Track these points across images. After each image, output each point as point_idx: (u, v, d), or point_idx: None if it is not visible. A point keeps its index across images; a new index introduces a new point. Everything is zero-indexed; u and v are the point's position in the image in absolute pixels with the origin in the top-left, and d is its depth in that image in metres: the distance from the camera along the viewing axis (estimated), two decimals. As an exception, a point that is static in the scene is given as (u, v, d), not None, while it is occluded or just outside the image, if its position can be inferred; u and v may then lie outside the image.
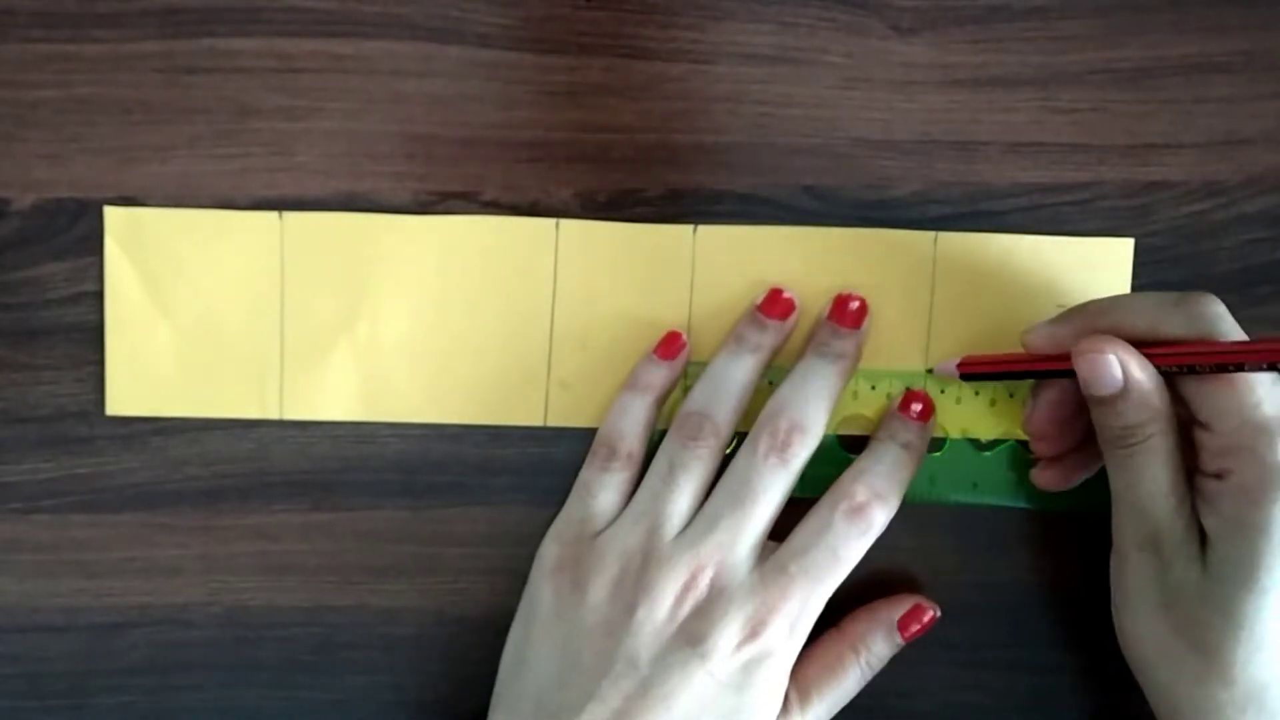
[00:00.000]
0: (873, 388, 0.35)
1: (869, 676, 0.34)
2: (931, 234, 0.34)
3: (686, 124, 0.34)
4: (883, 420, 0.34)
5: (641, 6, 0.34)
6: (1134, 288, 0.34)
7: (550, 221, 0.34)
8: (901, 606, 0.34)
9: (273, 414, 0.34)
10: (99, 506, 0.35)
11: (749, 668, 0.31)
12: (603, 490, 0.33)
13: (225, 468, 0.35)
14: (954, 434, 0.35)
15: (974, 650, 0.35)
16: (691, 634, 0.31)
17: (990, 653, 0.35)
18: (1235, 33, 0.34)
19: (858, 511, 0.32)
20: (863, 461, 0.33)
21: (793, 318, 0.34)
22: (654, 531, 0.32)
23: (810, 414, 0.32)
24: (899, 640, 0.34)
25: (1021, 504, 0.35)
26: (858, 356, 0.33)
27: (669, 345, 0.34)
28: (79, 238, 0.34)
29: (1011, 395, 0.34)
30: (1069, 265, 0.34)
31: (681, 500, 0.32)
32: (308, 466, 0.35)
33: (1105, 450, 0.30)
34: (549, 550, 0.33)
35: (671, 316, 0.34)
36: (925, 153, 0.34)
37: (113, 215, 0.34)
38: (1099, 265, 0.34)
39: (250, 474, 0.35)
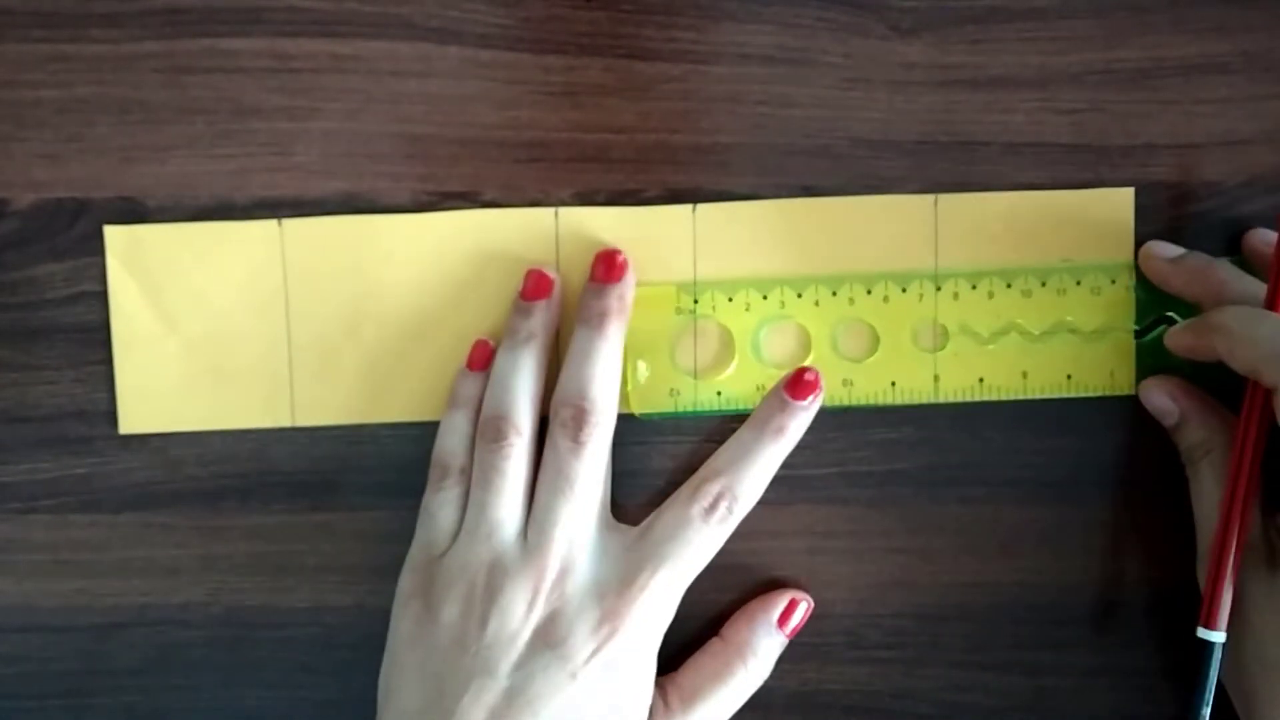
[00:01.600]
0: (868, 292, 0.34)
1: (761, 676, 0.34)
2: (931, 197, 0.34)
3: (686, 124, 0.34)
4: (762, 400, 0.34)
5: (641, 7, 0.34)
6: (1137, 237, 0.34)
7: (549, 211, 0.34)
8: (778, 604, 0.34)
9: (284, 421, 0.35)
10: (98, 506, 0.35)
11: (610, 664, 0.31)
12: (440, 510, 0.33)
13: (225, 468, 0.35)
14: (954, 330, 0.34)
15: (972, 651, 0.35)
16: (549, 637, 0.31)
17: (988, 654, 0.35)
18: (1234, 33, 0.34)
19: (713, 507, 0.32)
20: (726, 450, 0.33)
21: (555, 293, 0.33)
22: (490, 541, 0.32)
23: (592, 394, 0.32)
24: (783, 638, 0.34)
25: (1028, 396, 0.35)
26: (625, 310, 0.33)
27: (477, 355, 0.34)
28: (78, 238, 0.34)
29: (1009, 285, 0.34)
30: (1070, 217, 0.34)
31: (505, 504, 0.32)
32: (307, 467, 0.35)
33: (1186, 469, 0.33)
34: (404, 581, 0.33)
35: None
36: (924, 153, 0.34)
37: (113, 234, 0.34)
38: (1100, 215, 0.34)
39: (250, 474, 0.35)
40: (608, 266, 0.33)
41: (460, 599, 0.31)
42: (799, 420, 0.33)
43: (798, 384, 0.33)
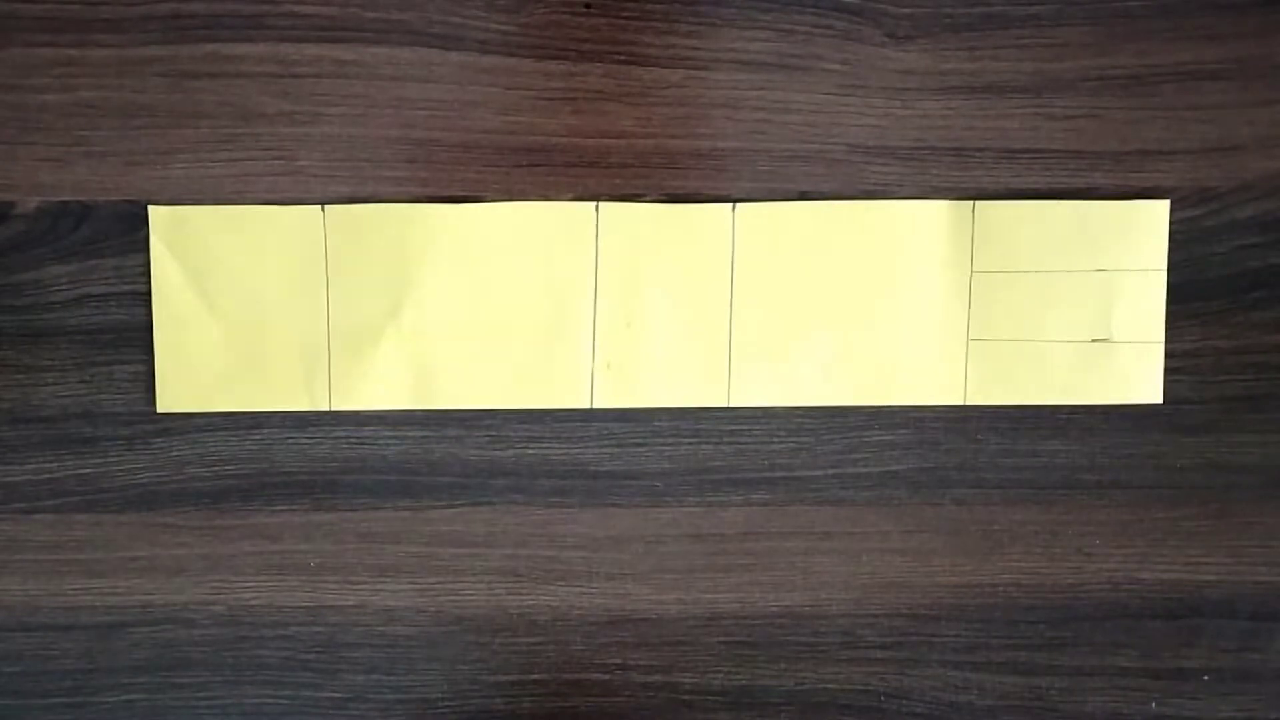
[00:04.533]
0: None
1: None
2: (970, 203, 0.35)
3: (684, 129, 0.34)
4: None
5: (640, 14, 0.34)
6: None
7: (590, 205, 0.35)
8: None
9: (322, 405, 0.35)
10: (102, 506, 0.35)
11: None
12: None
13: (227, 468, 0.35)
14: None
15: (968, 651, 0.36)
16: None
17: (983, 654, 0.35)
18: (1228, 41, 0.34)
19: None
20: None
21: None
22: None
23: None
24: None
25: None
26: None
27: None
28: (83, 241, 0.34)
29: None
30: (1105, 228, 0.34)
31: None
32: (309, 467, 0.35)
33: None
34: None
35: (714, 294, 0.35)
36: (920, 159, 0.34)
37: (157, 214, 0.34)
38: (1134, 227, 0.34)
39: (252, 474, 0.35)
40: None
41: None
42: None
43: None
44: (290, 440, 0.35)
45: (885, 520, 0.35)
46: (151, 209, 0.34)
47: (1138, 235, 0.34)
